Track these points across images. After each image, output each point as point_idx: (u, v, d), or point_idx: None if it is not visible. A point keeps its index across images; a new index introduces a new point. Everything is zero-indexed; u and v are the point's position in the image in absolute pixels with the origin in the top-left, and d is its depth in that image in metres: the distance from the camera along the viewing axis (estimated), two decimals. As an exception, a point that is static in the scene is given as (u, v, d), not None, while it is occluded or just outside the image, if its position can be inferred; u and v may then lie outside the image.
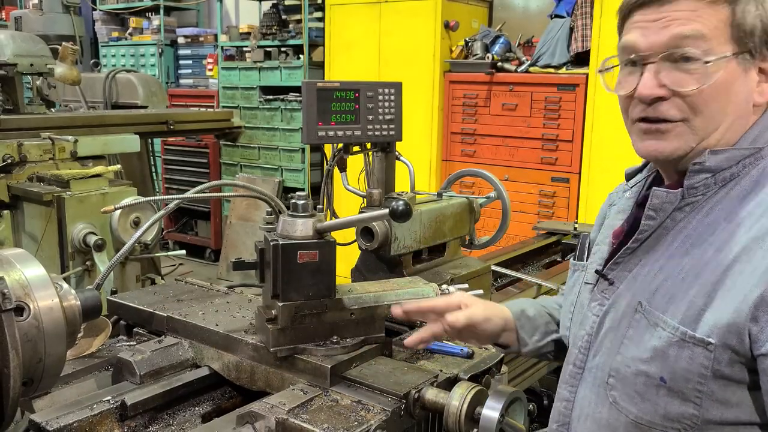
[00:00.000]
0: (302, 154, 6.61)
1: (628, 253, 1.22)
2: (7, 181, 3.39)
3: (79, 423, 1.37)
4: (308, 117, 1.89)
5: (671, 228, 1.17)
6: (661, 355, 1.10)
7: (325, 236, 1.51)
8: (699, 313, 1.07)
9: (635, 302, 1.16)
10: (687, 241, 1.14)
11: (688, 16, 1.10)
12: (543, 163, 4.97)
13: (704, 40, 1.10)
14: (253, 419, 1.33)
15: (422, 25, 5.34)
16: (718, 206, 1.13)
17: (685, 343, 1.07)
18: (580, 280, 1.37)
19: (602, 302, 1.25)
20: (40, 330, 1.14)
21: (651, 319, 1.13)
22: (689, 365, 1.07)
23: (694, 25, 1.10)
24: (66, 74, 4.12)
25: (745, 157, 1.13)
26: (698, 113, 1.12)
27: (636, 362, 1.14)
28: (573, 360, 1.29)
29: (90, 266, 3.14)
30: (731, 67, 1.11)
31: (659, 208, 1.17)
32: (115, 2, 8.35)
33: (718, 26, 1.10)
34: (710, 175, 1.14)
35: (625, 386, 1.16)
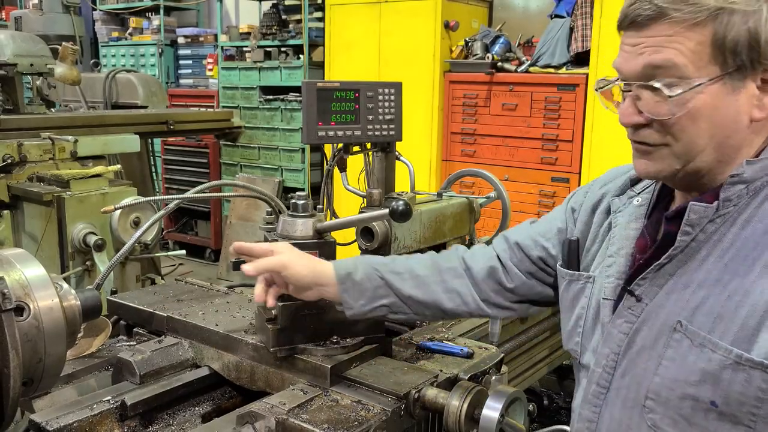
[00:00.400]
0: (302, 154, 6.61)
1: (658, 268, 1.17)
2: (7, 181, 3.39)
3: (79, 423, 1.37)
4: (308, 117, 1.89)
5: (704, 241, 1.13)
6: (711, 379, 1.06)
7: (325, 236, 1.51)
8: (753, 333, 1.03)
9: (672, 321, 1.12)
10: (725, 256, 1.10)
11: (662, 42, 1.06)
12: (543, 163, 4.97)
13: (676, 69, 1.06)
14: (253, 419, 1.33)
15: (422, 25, 5.34)
16: (755, 218, 1.09)
17: (740, 366, 1.04)
18: (586, 293, 1.31)
19: (630, 320, 1.19)
20: (40, 330, 1.14)
21: (696, 340, 1.08)
22: (745, 389, 1.04)
23: (667, 53, 1.06)
24: (66, 74, 4.12)
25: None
26: (677, 139, 1.10)
27: (681, 385, 1.10)
28: (597, 379, 1.23)
29: (90, 266, 3.14)
30: (713, 90, 1.06)
31: (696, 223, 1.13)
32: (115, 2, 8.35)
33: (696, 49, 1.05)
34: (744, 186, 1.10)
35: (668, 409, 1.11)
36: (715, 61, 1.05)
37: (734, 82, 1.06)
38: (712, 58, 1.05)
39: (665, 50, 1.06)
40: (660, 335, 1.13)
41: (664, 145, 1.11)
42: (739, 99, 1.07)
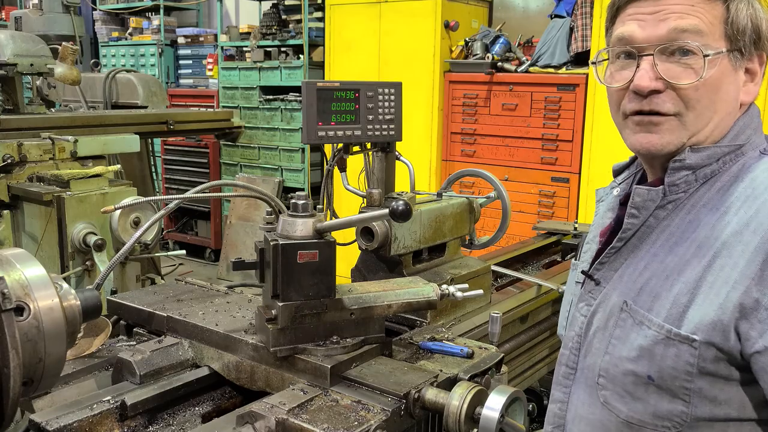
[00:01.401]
0: (302, 154, 6.61)
1: (613, 252, 1.23)
2: (7, 181, 3.39)
3: (79, 423, 1.37)
4: (308, 117, 1.89)
5: (655, 226, 1.18)
6: (647, 354, 1.10)
7: (325, 236, 1.51)
8: (683, 310, 1.07)
9: (621, 302, 1.17)
10: (670, 239, 1.14)
11: (686, 9, 1.11)
12: (543, 163, 4.97)
13: (701, 35, 1.10)
14: (253, 419, 1.33)
15: (422, 25, 5.34)
16: (700, 203, 1.14)
17: (671, 341, 1.08)
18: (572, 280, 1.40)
19: (589, 302, 1.25)
20: (40, 330, 1.14)
21: (636, 318, 1.13)
22: (675, 363, 1.08)
23: (692, 19, 1.10)
24: (66, 74, 4.12)
25: (725, 154, 1.14)
26: (690, 108, 1.12)
27: (624, 361, 1.14)
28: (565, 361, 1.29)
29: (90, 266, 3.14)
30: (724, 64, 1.12)
31: (641, 206, 1.17)
32: (115, 2, 8.35)
33: (713, 22, 1.11)
34: (691, 172, 1.14)
35: (615, 386, 1.16)
36: (725, 38, 1.11)
37: (736, 62, 1.13)
38: (722, 34, 1.11)
39: (690, 17, 1.11)
40: (611, 316, 1.18)
41: (675, 115, 1.13)
42: (736, 80, 1.14)
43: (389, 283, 1.69)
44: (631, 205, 1.18)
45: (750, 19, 1.12)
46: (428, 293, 1.64)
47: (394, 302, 1.59)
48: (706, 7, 1.11)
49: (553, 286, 2.48)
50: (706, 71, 1.10)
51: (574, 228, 3.34)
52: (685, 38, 1.10)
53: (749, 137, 1.15)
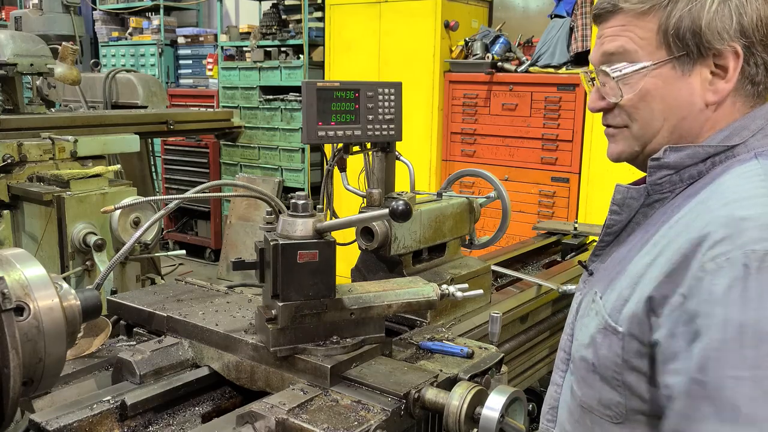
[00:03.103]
0: (302, 154, 6.61)
1: (603, 246, 1.28)
2: (7, 181, 3.39)
3: (79, 423, 1.37)
4: (308, 117, 1.89)
5: (642, 223, 1.21)
6: (593, 342, 1.15)
7: (325, 236, 1.51)
8: (623, 303, 1.11)
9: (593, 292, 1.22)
10: (645, 236, 1.18)
11: (617, 31, 1.17)
12: (543, 163, 4.97)
13: (627, 54, 1.16)
14: (253, 419, 1.33)
15: (422, 25, 5.34)
16: (676, 203, 1.16)
17: (607, 331, 1.12)
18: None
19: (582, 291, 1.31)
20: (40, 330, 1.14)
21: (596, 308, 1.18)
22: (608, 353, 1.12)
23: (620, 41, 1.16)
24: (66, 74, 4.11)
25: (713, 154, 1.13)
26: (633, 120, 1.19)
27: (581, 348, 1.19)
28: (563, 346, 1.34)
29: (90, 266, 3.14)
30: (663, 73, 1.14)
31: (621, 203, 1.22)
32: (115, 2, 8.35)
33: (646, 36, 1.14)
34: (673, 172, 1.16)
35: (578, 370, 1.21)
36: (663, 47, 1.14)
37: (684, 67, 1.13)
38: (661, 44, 1.14)
39: (619, 38, 1.17)
40: (587, 305, 1.23)
41: (624, 126, 1.21)
42: (691, 83, 1.14)
43: (389, 283, 1.69)
44: (612, 201, 1.24)
45: (693, 20, 1.10)
46: (428, 293, 1.64)
47: (394, 302, 1.59)
48: (640, 24, 1.15)
49: (553, 286, 2.48)
50: (630, 88, 1.16)
51: (574, 228, 3.34)
52: (612, 60, 1.18)
53: (746, 139, 1.13)
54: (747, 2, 1.10)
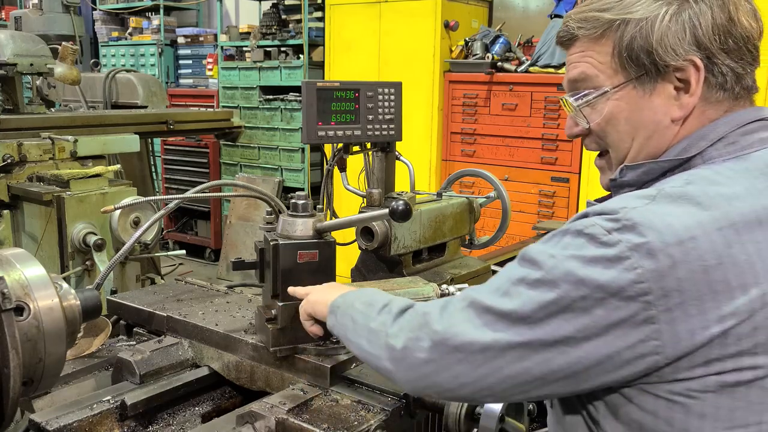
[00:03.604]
0: (302, 154, 6.61)
1: None
2: (7, 181, 3.39)
3: (79, 423, 1.37)
4: (308, 117, 1.89)
5: None
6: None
7: (325, 236, 1.51)
8: None
9: None
10: None
11: (578, 58, 1.18)
12: (543, 163, 4.97)
13: (590, 80, 1.16)
14: (253, 419, 1.33)
15: (422, 25, 5.34)
16: None
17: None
18: None
19: None
20: (40, 330, 1.14)
21: None
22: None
23: (581, 67, 1.17)
24: (66, 74, 4.11)
25: (669, 169, 1.12)
26: (607, 144, 1.20)
27: None
28: None
29: (90, 266, 3.14)
30: (625, 95, 1.13)
31: None
32: (115, 2, 8.35)
33: (604, 60, 1.14)
34: (633, 189, 1.13)
35: None
36: (621, 69, 1.13)
37: (645, 86, 1.12)
38: (618, 67, 1.13)
39: (580, 65, 1.18)
40: None
41: (606, 152, 1.22)
42: (654, 101, 1.12)
43: (389, 283, 1.69)
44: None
45: (644, 39, 1.09)
46: (428, 293, 1.64)
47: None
48: (596, 48, 1.15)
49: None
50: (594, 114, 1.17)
51: (574, 228, 3.34)
52: (578, 87, 1.19)
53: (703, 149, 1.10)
54: (700, 13, 1.07)
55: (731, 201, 1.00)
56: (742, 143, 1.09)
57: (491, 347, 1.01)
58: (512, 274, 1.04)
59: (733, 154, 1.08)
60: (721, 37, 1.08)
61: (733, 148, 1.08)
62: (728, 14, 1.08)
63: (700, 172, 1.06)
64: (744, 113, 1.11)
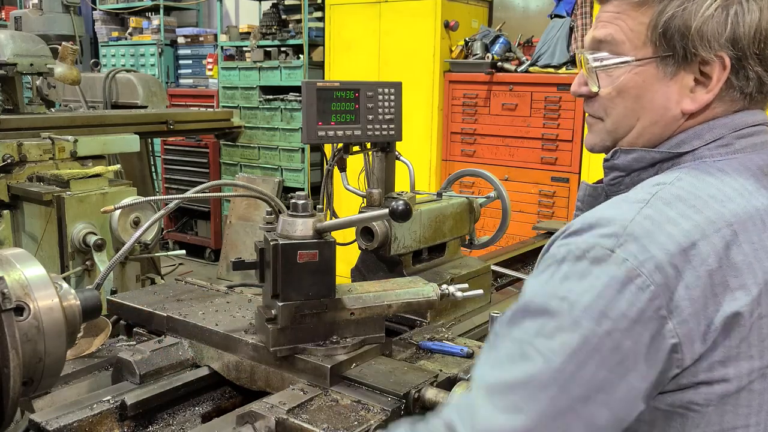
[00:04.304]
0: (302, 154, 6.61)
1: None
2: (7, 181, 3.40)
3: (79, 423, 1.37)
4: (308, 117, 1.89)
5: None
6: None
7: (325, 236, 1.51)
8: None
9: None
10: None
11: (610, 18, 1.11)
12: (543, 163, 4.97)
13: (615, 45, 1.10)
14: (253, 419, 1.33)
15: (422, 25, 5.34)
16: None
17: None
18: None
19: None
20: (40, 330, 1.14)
21: None
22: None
23: (610, 28, 1.11)
24: (66, 74, 4.12)
25: (660, 161, 1.09)
26: (608, 114, 1.15)
27: None
28: None
29: (90, 266, 3.14)
30: (645, 71, 1.08)
31: (582, 200, 1.20)
32: (115, 2, 8.35)
33: (636, 29, 1.08)
34: (624, 174, 1.12)
35: None
36: (650, 44, 1.07)
37: (667, 68, 1.07)
38: (649, 40, 1.07)
39: (610, 26, 1.11)
40: None
41: (600, 118, 1.17)
42: (670, 86, 1.08)
43: (389, 283, 1.69)
44: (578, 199, 1.22)
45: (684, 21, 1.03)
46: (428, 293, 1.64)
47: (394, 302, 1.59)
48: (634, 14, 1.08)
49: (553, 286, 2.47)
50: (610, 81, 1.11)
51: (574, 228, 3.33)
52: (600, 47, 1.12)
53: (696, 147, 1.07)
54: (747, 11, 1.02)
55: (724, 203, 0.98)
56: (735, 146, 1.07)
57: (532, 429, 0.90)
58: (524, 333, 0.95)
59: (724, 156, 1.06)
60: (761, 42, 1.03)
61: (726, 150, 1.06)
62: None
63: (690, 173, 1.04)
64: (744, 116, 1.08)
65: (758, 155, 1.07)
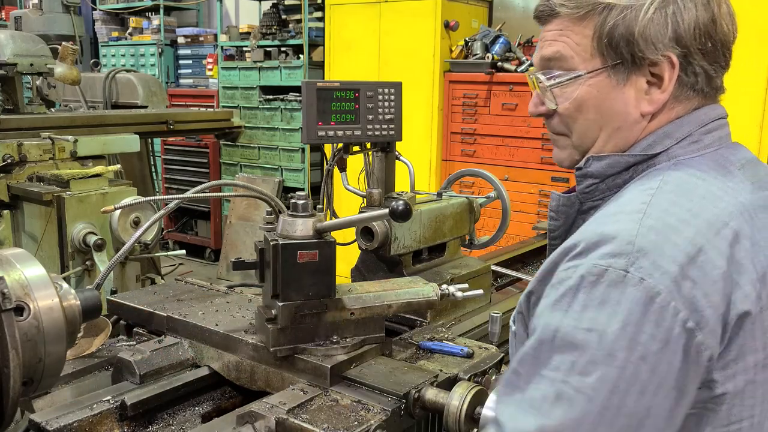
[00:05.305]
0: (302, 154, 6.61)
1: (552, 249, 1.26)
2: (7, 181, 3.40)
3: (79, 423, 1.37)
4: (308, 117, 1.89)
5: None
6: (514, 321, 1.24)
7: (325, 236, 1.51)
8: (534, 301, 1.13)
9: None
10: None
11: (555, 36, 1.13)
12: (543, 163, 4.97)
13: (564, 61, 1.12)
14: (253, 419, 1.33)
15: (422, 25, 5.34)
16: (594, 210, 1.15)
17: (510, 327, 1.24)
18: None
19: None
20: (40, 330, 1.14)
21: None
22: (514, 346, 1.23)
23: (557, 46, 1.13)
24: (66, 74, 4.12)
25: (634, 164, 1.10)
26: (571, 129, 1.16)
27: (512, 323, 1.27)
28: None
29: (90, 266, 3.14)
30: (598, 82, 1.10)
31: (555, 209, 1.21)
32: (115, 2, 8.35)
33: (581, 42, 1.10)
34: (599, 181, 1.13)
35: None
36: (598, 55, 1.09)
37: (619, 76, 1.09)
38: (596, 52, 1.09)
39: (556, 44, 1.13)
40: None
41: (563, 134, 1.19)
42: (625, 92, 1.10)
43: (389, 283, 1.69)
44: (548, 208, 1.23)
45: (627, 28, 1.06)
46: (428, 293, 1.64)
47: (394, 302, 1.59)
48: (577, 29, 1.10)
49: (553, 286, 2.47)
50: (563, 98, 1.13)
51: (574, 228, 3.33)
52: (550, 66, 1.14)
53: (668, 147, 1.09)
54: (684, 9, 1.05)
55: (715, 202, 0.99)
56: (704, 141, 1.09)
57: None
58: (556, 371, 0.92)
59: (696, 152, 1.08)
60: (702, 37, 1.06)
61: (696, 146, 1.08)
62: (711, 15, 1.06)
63: (672, 175, 1.04)
64: (706, 111, 1.11)
65: (727, 150, 1.10)
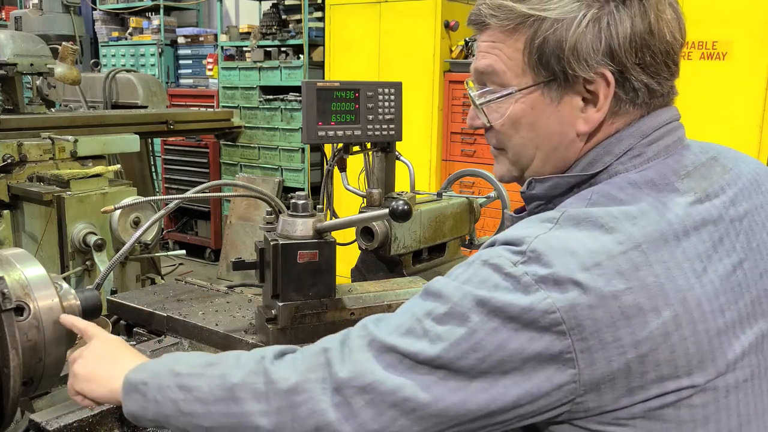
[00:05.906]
0: (302, 154, 6.61)
1: None
2: (7, 181, 3.39)
3: (79, 423, 1.37)
4: (308, 117, 1.89)
5: None
6: None
7: (325, 236, 1.51)
8: None
9: None
10: None
11: (488, 48, 1.06)
12: (543, 163, 4.97)
13: (497, 75, 1.06)
14: (253, 419, 1.33)
15: (422, 25, 5.34)
16: None
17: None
18: None
19: None
20: (40, 330, 1.14)
21: None
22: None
23: (489, 59, 1.06)
24: (66, 74, 4.11)
25: (574, 184, 1.05)
26: (507, 146, 1.11)
27: None
28: None
29: (90, 266, 3.14)
30: (532, 99, 1.04)
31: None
32: (115, 2, 8.35)
33: (513, 56, 1.03)
34: (543, 203, 1.09)
35: None
36: (530, 71, 1.03)
37: (552, 93, 1.03)
38: (527, 67, 1.03)
39: (489, 56, 1.06)
40: None
41: (502, 150, 1.13)
42: (560, 111, 1.03)
43: (389, 283, 1.69)
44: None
45: (558, 43, 0.99)
46: (428, 293, 1.64)
47: (394, 302, 1.59)
48: (507, 42, 1.03)
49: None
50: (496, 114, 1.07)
51: (574, 228, 3.34)
52: (483, 79, 1.08)
53: (608, 164, 1.03)
54: (619, 21, 0.97)
55: (635, 220, 0.94)
56: (648, 154, 1.02)
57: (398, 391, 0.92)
58: (417, 310, 0.97)
59: (639, 167, 1.01)
60: (638, 51, 0.99)
61: (639, 160, 1.02)
62: (648, 25, 0.98)
63: (603, 189, 1.00)
64: (648, 120, 1.03)
65: (672, 158, 1.03)
